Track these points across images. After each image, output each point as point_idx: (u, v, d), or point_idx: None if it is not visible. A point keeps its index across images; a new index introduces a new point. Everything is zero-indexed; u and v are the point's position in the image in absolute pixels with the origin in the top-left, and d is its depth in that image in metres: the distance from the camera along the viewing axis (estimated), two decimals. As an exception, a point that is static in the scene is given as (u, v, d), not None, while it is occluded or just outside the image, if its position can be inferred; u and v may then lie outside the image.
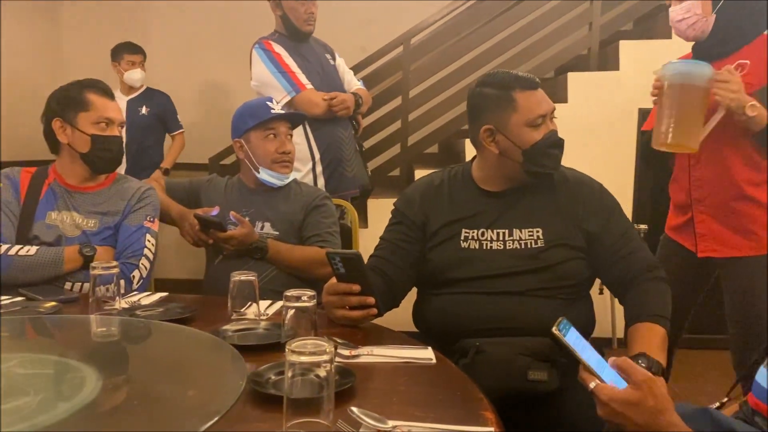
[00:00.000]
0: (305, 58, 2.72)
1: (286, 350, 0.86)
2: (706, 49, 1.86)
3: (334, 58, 2.90)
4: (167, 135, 4.03)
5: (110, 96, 1.91)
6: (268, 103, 2.08)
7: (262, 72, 2.66)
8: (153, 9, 4.56)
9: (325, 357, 0.86)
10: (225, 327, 1.31)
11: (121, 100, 3.76)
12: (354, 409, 0.91)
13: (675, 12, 1.86)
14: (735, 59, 1.80)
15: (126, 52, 3.86)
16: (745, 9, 1.80)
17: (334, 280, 1.44)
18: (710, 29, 1.82)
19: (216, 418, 0.84)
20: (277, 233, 2.02)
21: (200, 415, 0.87)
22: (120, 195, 1.91)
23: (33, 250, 1.74)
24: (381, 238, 1.65)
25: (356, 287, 1.40)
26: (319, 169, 2.71)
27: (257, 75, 2.69)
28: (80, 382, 0.97)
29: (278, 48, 2.67)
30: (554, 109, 1.54)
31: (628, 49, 3.31)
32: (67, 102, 1.86)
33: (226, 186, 2.15)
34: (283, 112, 2.08)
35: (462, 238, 1.54)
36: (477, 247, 1.52)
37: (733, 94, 1.66)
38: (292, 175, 2.12)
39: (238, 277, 1.39)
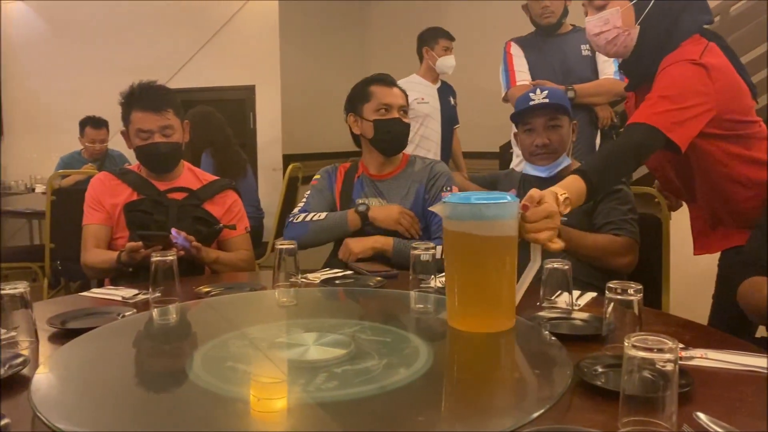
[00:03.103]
0: (544, 53, 2.86)
1: (625, 344, 0.82)
2: (633, 68, 1.69)
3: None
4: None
5: (391, 85, 2.10)
6: (531, 94, 2.02)
7: (500, 70, 2.99)
8: (454, 5, 4.76)
9: (668, 355, 0.80)
10: (540, 314, 1.30)
11: (429, 87, 3.76)
12: (700, 414, 0.83)
13: (592, 24, 1.66)
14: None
15: (442, 37, 3.74)
16: (668, 18, 1.58)
17: None
18: (634, 44, 1.62)
19: (549, 405, 0.84)
20: (566, 219, 1.97)
21: (531, 401, 0.88)
22: (413, 177, 2.08)
23: (323, 215, 2.01)
24: None
25: None
26: None
27: None
28: (414, 352, 1.06)
29: (514, 49, 2.93)
30: None
31: None
32: (355, 97, 2.12)
33: (521, 178, 2.16)
34: (536, 102, 1.99)
35: None
36: None
37: (547, 239, 1.22)
38: None
39: (552, 264, 1.37)
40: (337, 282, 1.66)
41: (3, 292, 1.16)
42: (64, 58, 5.23)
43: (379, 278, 1.66)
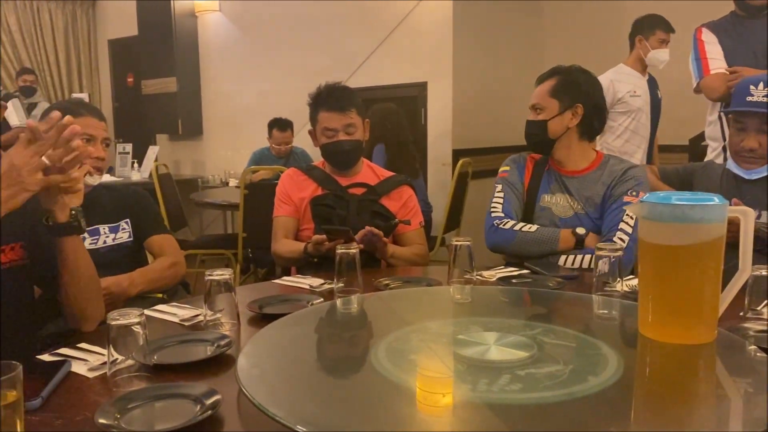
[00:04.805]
0: (743, 37, 2.61)
1: None
2: None
3: None
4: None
5: (538, 82, 2.03)
6: (752, 87, 1.80)
7: (690, 59, 2.75)
8: (629, 7, 4.48)
9: None
10: (743, 325, 1.18)
11: (640, 79, 3.54)
12: None
13: None
14: None
15: (660, 27, 3.46)
16: None
17: None
18: None
19: (763, 430, 0.76)
20: None
21: (738, 422, 0.80)
22: (603, 179, 1.96)
23: (534, 227, 1.92)
24: None
25: None
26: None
27: None
28: (602, 360, 1.00)
29: (706, 35, 2.70)
30: None
31: None
32: None
33: (722, 173, 1.97)
34: (754, 100, 1.79)
35: None
36: None
37: None
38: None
39: (760, 271, 1.24)
40: (513, 281, 1.63)
41: (211, 277, 1.28)
42: (253, 62, 5.68)
43: (559, 279, 1.60)
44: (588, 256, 1.82)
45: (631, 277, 1.66)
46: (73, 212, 1.28)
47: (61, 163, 1.16)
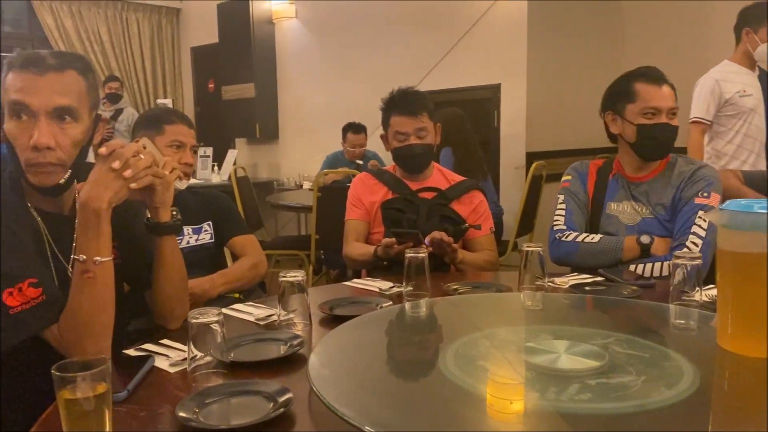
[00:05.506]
0: None
1: None
2: None
3: None
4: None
5: (659, 82, 1.87)
6: None
7: None
8: (717, 6, 4.29)
9: None
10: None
11: (750, 76, 3.19)
12: None
13: None
14: None
15: None
16: None
17: None
18: None
19: None
20: None
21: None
22: (672, 182, 1.89)
23: (597, 238, 1.88)
24: None
25: None
26: None
27: None
28: (677, 372, 0.98)
29: None
30: None
31: None
32: (617, 94, 1.94)
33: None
34: None
35: None
36: None
37: None
38: None
39: None
40: (587, 288, 1.60)
41: (285, 279, 1.32)
42: (328, 67, 5.79)
43: (634, 287, 1.56)
44: (659, 264, 1.76)
45: (711, 286, 1.60)
46: (174, 212, 1.35)
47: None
